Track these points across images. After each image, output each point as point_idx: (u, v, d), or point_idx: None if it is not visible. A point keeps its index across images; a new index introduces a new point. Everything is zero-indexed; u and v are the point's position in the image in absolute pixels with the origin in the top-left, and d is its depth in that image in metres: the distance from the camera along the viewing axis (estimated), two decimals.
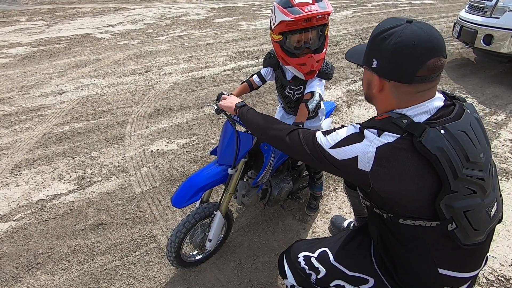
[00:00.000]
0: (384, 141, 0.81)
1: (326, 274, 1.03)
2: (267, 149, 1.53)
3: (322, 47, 1.45)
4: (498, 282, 1.57)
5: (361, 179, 0.85)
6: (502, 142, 2.73)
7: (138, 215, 2.03)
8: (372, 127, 0.85)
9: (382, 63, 0.84)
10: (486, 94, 3.65)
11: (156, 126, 3.12)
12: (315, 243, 1.13)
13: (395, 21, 0.84)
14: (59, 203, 2.15)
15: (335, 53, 5.17)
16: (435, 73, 0.80)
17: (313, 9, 1.31)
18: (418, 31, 0.79)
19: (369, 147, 0.82)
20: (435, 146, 0.76)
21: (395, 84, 0.84)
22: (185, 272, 1.64)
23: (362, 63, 0.92)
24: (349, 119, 3.19)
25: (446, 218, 0.79)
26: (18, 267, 1.71)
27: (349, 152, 0.85)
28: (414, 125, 0.80)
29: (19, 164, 2.58)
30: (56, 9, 10.30)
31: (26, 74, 4.62)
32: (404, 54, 0.79)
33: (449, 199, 0.77)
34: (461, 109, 0.86)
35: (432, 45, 0.78)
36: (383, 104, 0.92)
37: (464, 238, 0.82)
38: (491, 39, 3.66)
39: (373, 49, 0.87)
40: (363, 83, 0.98)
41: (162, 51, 5.62)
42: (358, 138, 0.85)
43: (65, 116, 3.34)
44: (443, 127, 0.79)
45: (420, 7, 9.26)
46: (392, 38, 0.80)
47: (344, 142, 0.87)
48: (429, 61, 0.78)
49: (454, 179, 0.76)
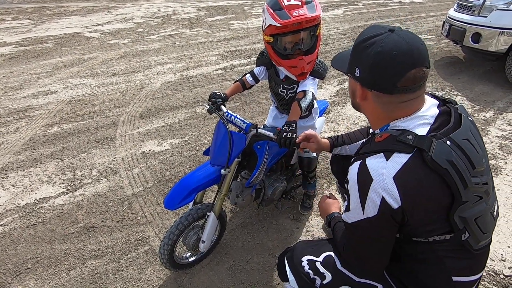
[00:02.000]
0: (397, 167, 0.75)
1: (332, 280, 0.99)
2: (261, 149, 1.51)
3: (314, 48, 1.44)
4: (488, 277, 1.60)
5: (402, 216, 0.78)
6: (491, 139, 2.78)
7: (130, 217, 2.00)
8: (375, 151, 0.80)
9: (363, 72, 0.82)
10: (475, 92, 3.72)
11: (147, 126, 3.08)
12: (319, 246, 1.09)
13: (378, 29, 0.82)
14: (48, 207, 2.10)
15: (327, 51, 5.19)
16: (416, 84, 0.78)
17: (301, 14, 1.30)
18: (400, 41, 0.77)
19: (384, 182, 0.75)
20: (445, 159, 0.74)
21: (377, 94, 0.82)
22: (178, 274, 1.62)
23: (346, 70, 0.90)
24: (341, 117, 3.21)
25: (459, 229, 0.78)
26: (6, 273, 1.66)
27: (374, 198, 0.77)
28: (421, 139, 0.76)
29: (5, 167, 2.51)
30: (44, 8, 10.07)
31: (13, 74, 4.50)
32: (384, 64, 0.77)
33: (461, 210, 0.77)
34: (458, 114, 0.84)
35: (412, 56, 0.76)
36: (371, 113, 0.90)
37: (475, 244, 0.81)
38: (479, 37, 3.72)
39: (355, 58, 0.85)
40: (349, 90, 0.96)
41: (153, 50, 5.55)
42: (367, 177, 0.78)
43: (54, 117, 3.27)
44: (448, 138, 0.77)
45: (410, 6, 9.37)
46: (374, 47, 0.79)
47: (363, 193, 0.79)
48: (410, 72, 0.76)
49: (464, 189, 0.75)
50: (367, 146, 0.86)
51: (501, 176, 2.31)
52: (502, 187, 2.20)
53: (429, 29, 6.48)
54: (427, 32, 6.25)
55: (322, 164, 2.45)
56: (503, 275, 1.60)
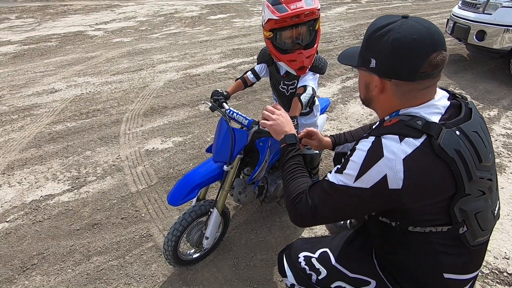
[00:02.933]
0: (408, 150, 0.74)
1: (327, 275, 1.01)
2: (263, 146, 1.52)
3: (313, 42, 1.46)
4: (492, 275, 1.60)
5: (391, 201, 0.77)
6: (495, 137, 2.77)
7: (134, 214, 2.02)
8: (389, 133, 0.78)
9: (381, 61, 0.80)
10: (479, 90, 3.69)
11: (151, 124, 3.10)
12: (315, 243, 1.11)
13: (390, 18, 0.80)
14: (53, 203, 2.13)
15: (330, 50, 5.17)
16: (438, 68, 0.77)
17: (298, 6, 1.32)
18: (417, 25, 0.76)
19: (394, 161, 0.73)
20: (453, 148, 0.73)
21: (397, 82, 0.80)
22: (182, 271, 1.64)
23: (357, 64, 0.87)
24: (344, 115, 3.20)
25: (458, 221, 0.77)
26: (13, 268, 1.68)
27: (375, 173, 0.75)
28: (430, 125, 0.75)
29: (11, 164, 2.54)
30: (47, 7, 10.12)
31: (17, 73, 4.54)
32: (404, 50, 0.75)
33: (462, 203, 0.76)
34: (468, 108, 0.83)
35: (433, 38, 0.75)
36: (385, 106, 0.87)
37: (472, 240, 0.81)
38: (484, 35, 3.69)
39: (369, 48, 0.82)
40: (360, 85, 0.92)
41: (156, 49, 5.56)
42: (378, 152, 0.76)
43: (58, 115, 3.29)
44: (458, 127, 0.76)
45: (413, 4, 9.31)
46: (390, 34, 0.77)
47: (367, 164, 0.77)
48: (432, 56, 0.75)
49: (469, 181, 0.74)
50: (375, 131, 0.83)
51: (505, 175, 2.30)
52: (506, 185, 2.19)
53: None
54: None
55: (325, 162, 2.46)
56: (506, 273, 1.60)
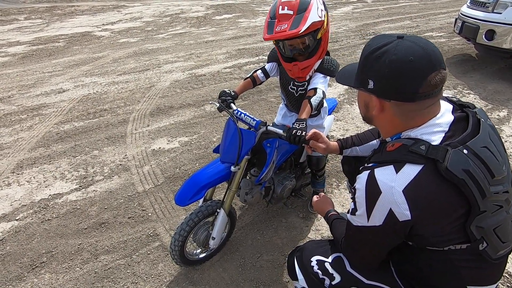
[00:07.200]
0: (407, 180, 0.73)
1: (341, 281, 0.99)
2: (270, 147, 1.52)
3: (314, 52, 1.46)
4: (503, 278, 1.57)
5: (407, 232, 0.77)
6: (505, 139, 2.72)
7: (141, 214, 2.03)
8: (385, 162, 0.78)
9: (379, 83, 0.78)
10: (488, 90, 3.64)
11: (157, 124, 3.11)
12: (328, 247, 1.08)
13: (385, 38, 0.78)
14: (61, 202, 2.15)
15: (336, 49, 5.15)
16: (437, 87, 0.75)
17: (282, 29, 1.31)
18: (413, 46, 0.74)
19: (393, 194, 0.73)
20: (461, 169, 0.71)
21: (397, 103, 0.79)
22: (189, 271, 1.64)
23: (355, 85, 0.86)
24: (350, 116, 3.18)
25: (477, 238, 0.76)
26: (22, 266, 1.71)
27: (380, 210, 0.76)
28: (435, 149, 0.73)
29: (20, 163, 2.57)
30: (55, 7, 10.24)
31: (26, 73, 4.60)
32: (402, 72, 0.74)
33: (479, 220, 0.74)
34: (476, 119, 0.81)
35: (429, 59, 0.73)
36: (387, 125, 0.85)
37: (494, 254, 0.79)
38: (493, 34, 3.64)
39: (367, 69, 0.81)
40: (360, 104, 0.91)
41: (161, 49, 5.59)
42: (375, 189, 0.76)
43: (66, 115, 3.33)
44: (465, 146, 0.74)
45: (420, 3, 9.20)
46: (387, 56, 0.75)
47: (370, 203, 0.78)
48: (430, 76, 0.73)
49: (482, 199, 0.73)
50: (378, 155, 0.83)
51: None
52: None
53: (441, 26, 6.36)
54: (438, 30, 6.14)
55: (331, 163, 2.45)
56: None
